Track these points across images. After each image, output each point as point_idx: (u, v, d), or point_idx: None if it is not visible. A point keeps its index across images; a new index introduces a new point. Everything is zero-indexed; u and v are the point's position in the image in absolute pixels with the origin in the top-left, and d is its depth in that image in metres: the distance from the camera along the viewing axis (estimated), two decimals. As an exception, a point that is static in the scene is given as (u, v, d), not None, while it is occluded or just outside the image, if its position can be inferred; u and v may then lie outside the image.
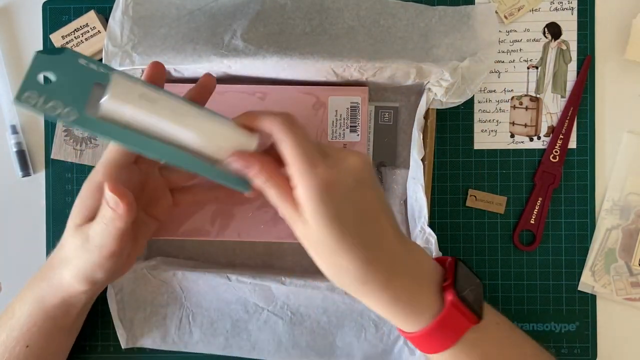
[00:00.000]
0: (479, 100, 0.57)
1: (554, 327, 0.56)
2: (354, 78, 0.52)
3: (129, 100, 0.38)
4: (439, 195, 0.57)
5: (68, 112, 0.37)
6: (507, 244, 0.57)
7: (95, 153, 0.55)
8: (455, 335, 0.40)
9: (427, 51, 0.53)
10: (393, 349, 0.53)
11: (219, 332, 0.54)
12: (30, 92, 0.36)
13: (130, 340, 0.54)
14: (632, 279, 0.56)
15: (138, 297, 0.54)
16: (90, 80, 0.38)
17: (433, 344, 0.40)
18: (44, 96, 0.36)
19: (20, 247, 0.58)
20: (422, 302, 0.40)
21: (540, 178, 0.56)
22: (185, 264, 0.55)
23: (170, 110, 0.39)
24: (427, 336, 0.40)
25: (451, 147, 0.57)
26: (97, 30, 0.55)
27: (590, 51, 0.56)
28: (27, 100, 0.36)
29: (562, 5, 0.56)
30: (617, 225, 0.56)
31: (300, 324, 0.53)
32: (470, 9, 0.54)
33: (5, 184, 0.58)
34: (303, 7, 0.54)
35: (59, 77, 0.37)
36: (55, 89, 0.37)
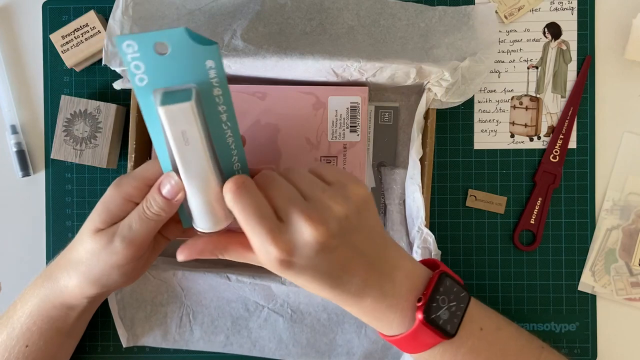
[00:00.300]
0: (479, 100, 0.57)
1: (554, 327, 0.56)
2: (354, 78, 0.52)
3: (171, 124, 0.37)
4: (439, 195, 0.57)
5: (141, 79, 0.37)
6: (507, 244, 0.57)
7: (95, 153, 0.55)
8: (424, 346, 0.42)
9: (427, 51, 0.53)
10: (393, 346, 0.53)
11: (219, 330, 0.54)
12: (134, 43, 0.35)
13: (131, 339, 0.54)
14: (632, 279, 0.56)
15: (138, 296, 0.54)
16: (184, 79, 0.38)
17: (405, 348, 0.43)
18: (141, 57, 0.36)
19: (20, 247, 0.58)
20: (392, 320, 0.42)
21: (540, 178, 0.56)
22: (186, 263, 0.55)
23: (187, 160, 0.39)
24: (399, 343, 0.42)
25: (451, 147, 0.57)
26: (97, 30, 0.55)
27: (590, 51, 0.56)
28: (128, 45, 0.35)
29: (562, 5, 0.56)
30: (617, 225, 0.56)
31: (300, 321, 0.54)
32: (470, 9, 0.54)
33: (5, 184, 0.58)
34: (303, 7, 0.54)
35: (170, 54, 0.36)
36: (155, 58, 0.36)
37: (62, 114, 0.55)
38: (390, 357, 0.53)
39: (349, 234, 0.39)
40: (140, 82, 0.37)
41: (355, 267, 0.40)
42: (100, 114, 0.55)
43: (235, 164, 0.42)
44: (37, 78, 0.58)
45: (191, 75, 0.37)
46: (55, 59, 0.57)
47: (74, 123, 0.55)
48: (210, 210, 0.41)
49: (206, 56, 0.37)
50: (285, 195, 0.38)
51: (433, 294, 0.41)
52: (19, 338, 0.48)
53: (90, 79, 0.57)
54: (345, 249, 0.39)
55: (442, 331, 0.41)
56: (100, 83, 0.57)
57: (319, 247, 0.38)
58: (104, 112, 0.55)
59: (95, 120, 0.55)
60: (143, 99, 0.38)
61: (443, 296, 0.42)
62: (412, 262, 0.43)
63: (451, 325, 0.42)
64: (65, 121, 0.55)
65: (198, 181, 0.40)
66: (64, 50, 0.55)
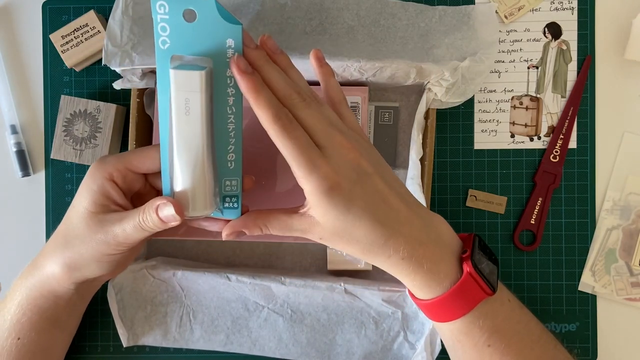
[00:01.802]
0: (479, 100, 0.57)
1: (554, 327, 0.56)
2: (354, 78, 0.52)
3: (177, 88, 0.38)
4: (439, 195, 0.57)
5: (164, 42, 0.38)
6: (508, 244, 0.57)
7: (95, 153, 0.55)
8: (469, 304, 0.41)
9: (427, 51, 0.53)
10: (393, 345, 0.53)
11: (219, 330, 0.54)
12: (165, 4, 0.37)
13: (131, 339, 0.54)
14: (633, 279, 0.56)
15: (138, 296, 0.54)
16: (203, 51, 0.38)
17: (446, 312, 0.42)
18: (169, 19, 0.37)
19: (20, 247, 0.58)
20: (442, 270, 0.41)
21: (541, 178, 0.56)
22: (185, 263, 0.55)
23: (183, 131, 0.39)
24: (442, 304, 0.41)
25: (451, 147, 0.57)
26: (97, 30, 0.55)
27: (590, 51, 0.56)
28: (160, 5, 0.36)
29: (562, 5, 0.56)
30: (618, 225, 0.56)
31: (300, 321, 0.54)
32: (470, 8, 0.54)
33: (5, 184, 0.58)
34: (303, 7, 0.54)
35: (196, 24, 0.38)
36: (181, 24, 0.37)
37: (62, 114, 0.55)
38: (390, 357, 0.53)
39: (381, 169, 0.41)
40: (162, 45, 0.38)
41: (395, 203, 0.40)
42: (100, 114, 0.55)
43: (230, 153, 0.42)
44: (37, 78, 0.58)
45: (210, 49, 0.38)
46: (55, 59, 0.57)
47: (74, 123, 0.55)
48: (197, 190, 0.40)
49: (228, 34, 0.38)
50: (324, 119, 0.40)
51: (474, 247, 0.42)
52: (10, 330, 0.47)
53: (90, 79, 0.57)
54: (381, 180, 0.40)
55: (488, 283, 0.41)
56: (100, 83, 0.57)
57: (359, 169, 0.39)
58: (104, 112, 0.55)
59: (95, 120, 0.55)
60: (161, 63, 0.38)
61: (481, 252, 0.43)
62: (439, 216, 0.44)
63: (492, 280, 0.42)
64: (65, 121, 0.55)
65: (189, 157, 0.39)
66: (63, 50, 0.55)
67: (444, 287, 0.41)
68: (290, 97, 0.39)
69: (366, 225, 0.39)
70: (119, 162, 0.44)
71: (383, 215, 0.39)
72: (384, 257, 0.40)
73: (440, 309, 0.42)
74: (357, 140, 0.41)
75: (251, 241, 0.56)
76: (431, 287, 0.41)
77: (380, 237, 0.39)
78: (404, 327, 0.53)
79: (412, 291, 0.43)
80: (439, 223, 0.43)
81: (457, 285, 0.40)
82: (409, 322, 0.53)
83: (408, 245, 0.40)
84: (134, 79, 0.52)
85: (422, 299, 0.42)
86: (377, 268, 0.55)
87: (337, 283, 0.53)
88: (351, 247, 0.40)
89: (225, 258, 0.57)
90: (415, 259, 0.40)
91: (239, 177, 0.43)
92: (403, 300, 0.53)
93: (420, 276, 0.41)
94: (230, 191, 0.43)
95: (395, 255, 0.40)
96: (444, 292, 0.41)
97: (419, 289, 0.42)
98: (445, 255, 0.41)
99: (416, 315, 0.53)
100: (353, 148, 0.39)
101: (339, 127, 0.41)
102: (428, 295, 0.42)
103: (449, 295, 0.41)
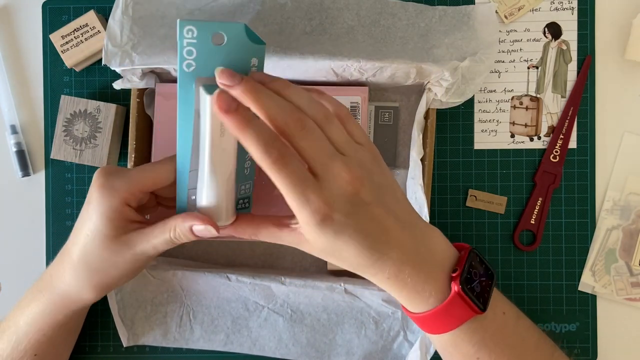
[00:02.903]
0: (479, 100, 0.57)
1: (554, 327, 0.56)
2: (354, 78, 0.52)
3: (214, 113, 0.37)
4: (439, 195, 0.57)
5: (189, 65, 0.37)
6: (508, 244, 0.57)
7: (95, 153, 0.55)
8: (456, 321, 0.41)
9: (427, 51, 0.53)
10: (393, 345, 0.53)
11: (219, 329, 0.54)
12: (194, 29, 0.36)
13: (131, 338, 0.54)
14: (633, 279, 0.56)
15: (138, 296, 0.54)
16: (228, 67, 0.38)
17: (435, 326, 0.42)
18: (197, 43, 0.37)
19: (20, 247, 0.58)
20: (427, 289, 0.41)
21: (541, 178, 0.56)
22: (185, 263, 0.55)
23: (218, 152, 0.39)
24: (430, 319, 0.42)
25: (451, 147, 0.57)
26: (97, 30, 0.55)
27: (590, 51, 0.56)
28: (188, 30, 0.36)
29: (562, 5, 0.56)
30: (618, 225, 0.56)
31: (300, 321, 0.54)
32: (470, 8, 0.54)
33: (5, 184, 0.58)
34: (303, 7, 0.54)
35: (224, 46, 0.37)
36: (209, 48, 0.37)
37: (62, 114, 0.55)
38: (390, 357, 0.53)
39: (382, 193, 0.40)
40: (187, 68, 0.38)
41: (390, 227, 0.40)
42: (100, 114, 0.55)
43: (247, 160, 0.42)
44: (37, 78, 0.58)
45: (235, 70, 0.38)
46: (55, 59, 0.57)
47: (74, 123, 0.55)
48: (224, 205, 0.41)
49: (253, 54, 0.38)
50: (323, 150, 0.38)
51: (466, 266, 0.42)
52: (27, 349, 0.48)
53: (90, 79, 0.57)
54: (379, 207, 0.39)
55: (475, 303, 0.41)
56: (100, 83, 0.57)
57: (356, 200, 0.38)
58: (104, 112, 0.55)
59: (95, 120, 0.55)
60: (184, 85, 0.38)
61: (475, 270, 0.42)
62: (438, 232, 0.44)
63: (482, 299, 0.42)
64: (65, 121, 0.55)
65: (221, 175, 0.40)
66: (63, 50, 0.55)
67: (430, 304, 0.41)
68: (287, 126, 0.37)
69: (353, 251, 0.39)
70: (132, 185, 0.43)
71: (373, 241, 0.39)
72: (369, 275, 0.41)
73: (428, 323, 0.42)
74: (362, 164, 0.39)
75: (251, 241, 0.56)
76: (417, 303, 0.42)
77: (367, 260, 0.40)
78: (404, 327, 0.53)
79: (402, 304, 0.44)
80: (433, 241, 0.43)
81: (444, 304, 0.41)
82: (409, 322, 0.53)
83: (394, 267, 0.40)
84: (134, 79, 0.52)
85: (411, 312, 0.43)
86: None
87: (337, 283, 0.53)
88: (340, 263, 0.41)
89: (225, 258, 0.57)
90: (401, 278, 0.41)
91: (252, 179, 0.44)
92: (403, 300, 0.53)
93: (405, 293, 0.41)
94: (244, 194, 0.44)
95: (381, 275, 0.40)
96: (431, 308, 0.41)
97: (406, 304, 0.43)
98: (433, 274, 0.41)
99: (416, 315, 0.53)
100: (353, 179, 0.38)
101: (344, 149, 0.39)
102: (416, 310, 0.42)
103: (436, 312, 0.41)
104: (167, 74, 0.53)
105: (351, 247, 0.39)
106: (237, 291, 0.54)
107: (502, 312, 0.44)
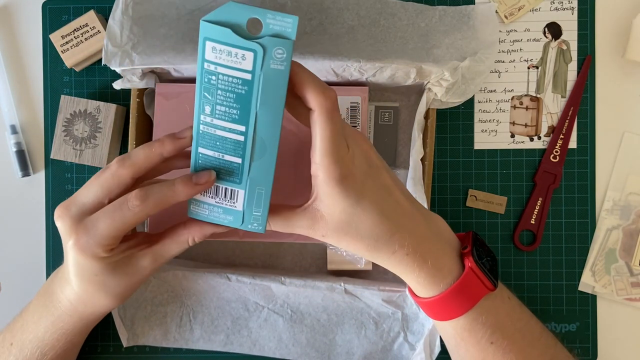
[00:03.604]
0: (479, 100, 0.57)
1: (554, 327, 0.56)
2: (354, 78, 0.52)
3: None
4: (439, 195, 0.57)
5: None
6: (508, 244, 0.57)
7: (95, 153, 0.55)
8: (471, 300, 0.41)
9: (427, 51, 0.53)
10: (393, 346, 0.53)
11: (219, 330, 0.54)
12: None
13: (131, 339, 0.54)
14: (633, 279, 0.56)
15: (138, 296, 0.54)
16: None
17: (449, 309, 0.42)
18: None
19: (20, 247, 0.58)
20: (445, 266, 0.41)
21: (541, 178, 0.56)
22: (185, 264, 0.55)
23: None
24: (444, 301, 0.41)
25: (451, 147, 0.57)
26: (97, 30, 0.55)
27: (590, 51, 0.56)
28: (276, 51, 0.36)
29: (563, 5, 0.56)
30: (618, 225, 0.56)
31: (300, 321, 0.54)
32: (470, 8, 0.54)
33: (5, 184, 0.58)
34: (303, 7, 0.54)
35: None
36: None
37: (62, 114, 0.55)
38: (390, 357, 0.53)
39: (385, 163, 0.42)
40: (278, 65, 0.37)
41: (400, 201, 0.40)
42: (100, 114, 0.55)
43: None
44: (37, 78, 0.58)
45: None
46: (55, 59, 0.57)
47: (74, 123, 0.55)
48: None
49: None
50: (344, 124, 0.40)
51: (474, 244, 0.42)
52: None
53: (90, 79, 0.57)
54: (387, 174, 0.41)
55: (489, 278, 0.41)
56: (100, 83, 0.57)
57: (370, 161, 0.40)
58: (104, 112, 0.55)
59: (95, 120, 0.55)
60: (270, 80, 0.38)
61: (481, 249, 0.43)
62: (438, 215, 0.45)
63: (493, 275, 0.42)
64: (65, 121, 0.55)
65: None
66: (63, 50, 0.55)
67: (446, 284, 0.41)
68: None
69: (373, 219, 0.39)
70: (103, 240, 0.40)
71: (390, 210, 0.39)
72: (389, 253, 0.40)
73: (443, 307, 0.42)
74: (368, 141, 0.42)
75: (251, 241, 0.56)
76: (435, 283, 0.41)
77: (387, 232, 0.39)
78: (404, 328, 0.53)
79: (415, 289, 0.43)
80: (438, 220, 0.44)
81: (460, 280, 0.41)
82: (409, 322, 0.53)
83: (413, 240, 0.40)
84: (134, 79, 0.52)
85: (425, 297, 0.42)
86: (377, 268, 0.55)
87: (337, 283, 0.53)
88: (355, 243, 0.40)
89: (225, 258, 0.57)
90: (420, 254, 0.40)
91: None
92: (403, 301, 0.53)
93: (424, 272, 0.41)
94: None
95: (400, 251, 0.40)
96: (447, 288, 0.41)
97: (423, 287, 0.42)
98: (447, 251, 0.41)
99: (416, 316, 0.53)
100: (366, 139, 0.41)
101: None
102: (431, 293, 0.42)
103: (452, 291, 0.41)
104: (167, 74, 0.53)
105: (371, 215, 0.39)
106: (237, 291, 0.54)
107: (508, 297, 0.45)
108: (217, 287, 0.54)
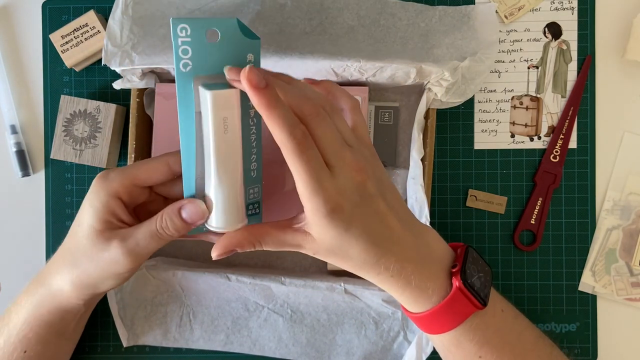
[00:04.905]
0: (479, 100, 0.57)
1: (554, 327, 0.56)
2: (354, 78, 0.52)
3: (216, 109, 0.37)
4: (439, 195, 0.57)
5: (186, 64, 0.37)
6: (508, 244, 0.57)
7: (95, 153, 0.55)
8: (458, 318, 0.41)
9: (427, 51, 0.53)
10: (393, 346, 0.53)
11: (219, 329, 0.54)
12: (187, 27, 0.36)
13: (131, 338, 0.54)
14: (633, 279, 0.56)
15: (138, 296, 0.54)
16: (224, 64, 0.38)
17: (437, 324, 0.42)
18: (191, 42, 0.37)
19: (19, 247, 0.58)
20: (430, 287, 0.41)
21: (541, 178, 0.56)
22: (185, 263, 0.55)
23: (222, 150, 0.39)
24: (432, 317, 0.42)
25: (451, 147, 0.57)
26: (97, 30, 0.55)
27: (590, 51, 0.56)
28: (182, 29, 0.36)
29: (563, 5, 0.56)
30: (618, 225, 0.56)
31: (300, 321, 0.54)
32: (470, 8, 0.54)
33: (5, 184, 0.58)
34: (303, 7, 0.54)
35: (218, 43, 0.37)
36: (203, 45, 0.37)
37: (61, 114, 0.55)
38: (390, 357, 0.53)
39: (383, 187, 0.40)
40: (184, 68, 0.38)
41: (392, 224, 0.40)
42: (100, 114, 0.55)
43: (253, 162, 0.42)
44: (37, 78, 0.58)
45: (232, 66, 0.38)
46: (55, 58, 0.57)
47: (74, 123, 0.55)
48: (234, 206, 0.41)
49: (248, 49, 0.38)
50: (335, 139, 0.38)
51: (465, 261, 0.42)
52: (16, 345, 0.47)
53: (90, 79, 0.57)
54: (382, 201, 0.40)
55: (477, 297, 0.41)
56: (100, 83, 0.57)
57: (362, 191, 0.38)
58: (104, 112, 0.55)
59: (95, 120, 0.55)
60: (182, 85, 0.38)
61: (473, 265, 0.43)
62: (434, 231, 0.44)
63: (483, 294, 0.42)
64: (65, 121, 0.55)
65: (228, 174, 0.39)
66: (63, 50, 0.55)
67: (432, 302, 0.41)
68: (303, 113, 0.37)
69: (360, 246, 0.39)
70: (125, 178, 0.43)
71: (378, 236, 0.39)
72: (374, 274, 0.41)
73: (430, 322, 0.42)
74: (365, 157, 0.40)
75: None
76: (419, 302, 0.41)
77: (373, 257, 0.39)
78: (404, 327, 0.53)
79: (403, 305, 0.43)
80: (431, 238, 0.43)
81: (446, 300, 0.41)
82: (409, 322, 0.53)
83: (398, 263, 0.40)
84: (134, 79, 0.52)
85: (412, 312, 0.43)
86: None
87: (337, 283, 0.53)
88: (343, 262, 0.40)
89: (225, 258, 0.57)
90: (404, 276, 0.40)
91: (260, 183, 0.43)
92: (403, 301, 0.53)
93: (408, 292, 0.41)
94: (253, 198, 0.43)
95: (385, 273, 0.40)
96: (433, 306, 0.41)
97: (408, 304, 0.42)
98: (434, 271, 0.41)
99: (416, 316, 0.53)
100: (361, 169, 0.39)
101: (350, 141, 0.40)
102: (418, 310, 0.42)
103: (438, 309, 0.41)
104: (167, 74, 0.53)
105: (359, 242, 0.39)
106: (237, 291, 0.54)
107: (501, 310, 0.44)
108: (217, 287, 0.54)
